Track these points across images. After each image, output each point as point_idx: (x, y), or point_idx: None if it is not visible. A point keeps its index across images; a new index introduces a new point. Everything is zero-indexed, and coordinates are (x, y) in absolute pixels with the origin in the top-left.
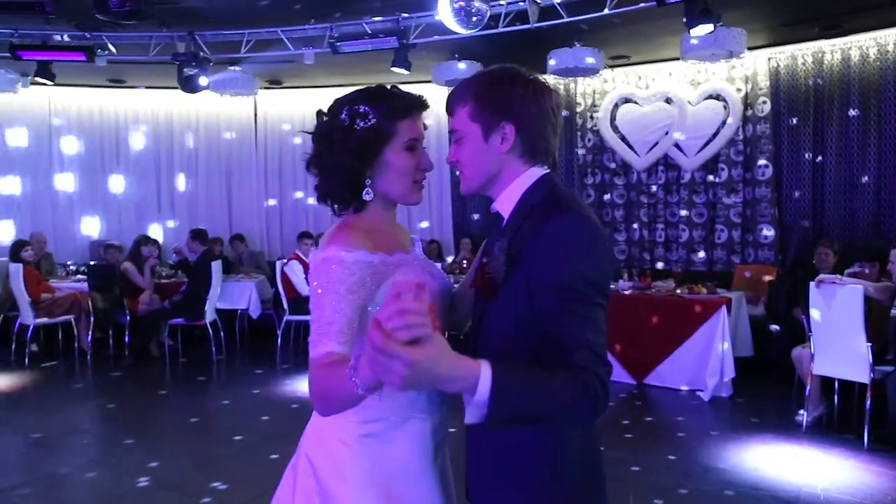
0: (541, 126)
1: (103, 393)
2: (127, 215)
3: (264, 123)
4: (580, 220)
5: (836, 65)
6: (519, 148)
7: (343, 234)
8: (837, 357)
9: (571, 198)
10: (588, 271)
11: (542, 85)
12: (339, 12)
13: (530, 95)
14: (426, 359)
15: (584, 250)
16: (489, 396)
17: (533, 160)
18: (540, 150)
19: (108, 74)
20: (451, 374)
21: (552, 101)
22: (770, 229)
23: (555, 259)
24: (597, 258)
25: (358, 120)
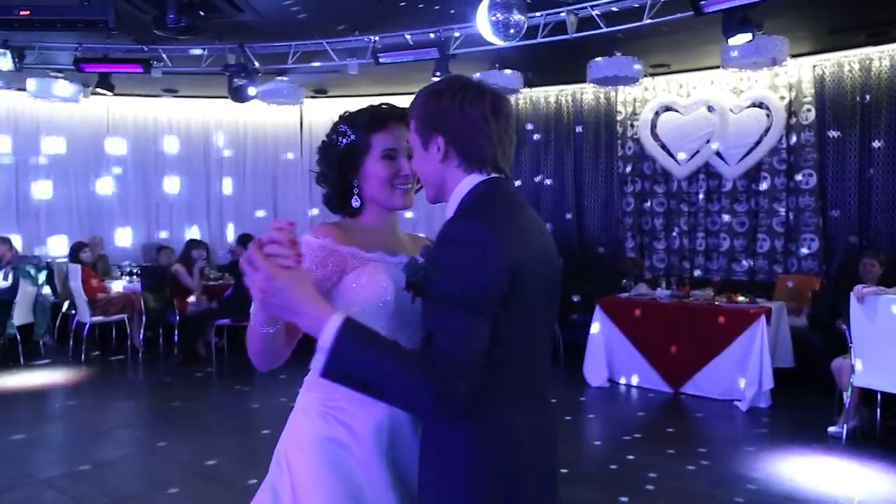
0: (471, 135)
1: (154, 388)
2: (178, 219)
3: (309, 131)
4: (470, 229)
5: (885, 72)
6: (454, 157)
7: (320, 226)
8: (880, 369)
9: (486, 206)
10: (468, 278)
11: (472, 93)
12: (381, 25)
13: (457, 107)
14: (282, 280)
15: (466, 257)
16: (331, 345)
17: (470, 168)
18: (475, 158)
19: (162, 85)
20: (300, 308)
21: (485, 108)
22: (814, 239)
23: (442, 262)
24: (480, 266)
25: (340, 138)
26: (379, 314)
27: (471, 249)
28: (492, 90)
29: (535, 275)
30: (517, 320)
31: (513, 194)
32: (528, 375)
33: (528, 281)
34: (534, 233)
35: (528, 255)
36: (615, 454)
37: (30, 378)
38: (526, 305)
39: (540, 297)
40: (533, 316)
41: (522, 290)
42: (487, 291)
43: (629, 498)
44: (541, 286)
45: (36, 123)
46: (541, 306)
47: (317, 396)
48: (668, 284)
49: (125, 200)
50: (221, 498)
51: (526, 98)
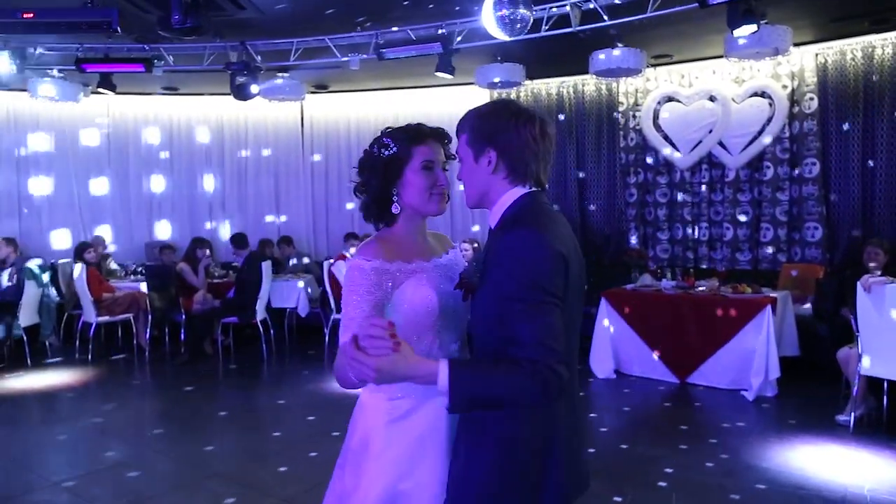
0: (521, 152)
1: (160, 387)
2: (180, 217)
3: (310, 127)
4: (524, 236)
5: (888, 59)
6: (503, 170)
7: (368, 247)
8: (887, 358)
9: (533, 215)
10: (535, 277)
11: (524, 117)
12: (384, 20)
13: (512, 127)
14: (387, 364)
15: (526, 260)
16: (448, 386)
17: (515, 181)
18: (521, 172)
19: (163, 83)
20: (412, 373)
21: (535, 130)
22: (817, 228)
23: (506, 269)
24: (541, 265)
25: (383, 150)
26: (426, 321)
27: (530, 253)
28: (540, 114)
29: (575, 271)
30: (567, 312)
31: (549, 205)
32: (572, 367)
33: (572, 276)
34: (568, 237)
35: (569, 254)
36: (626, 446)
37: (38, 379)
38: (571, 298)
39: (578, 292)
40: (575, 308)
41: (570, 285)
42: (553, 285)
43: (643, 490)
44: (579, 282)
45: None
46: (578, 300)
47: (380, 396)
48: (674, 275)
49: (125, 198)
50: (238, 498)
51: (527, 90)
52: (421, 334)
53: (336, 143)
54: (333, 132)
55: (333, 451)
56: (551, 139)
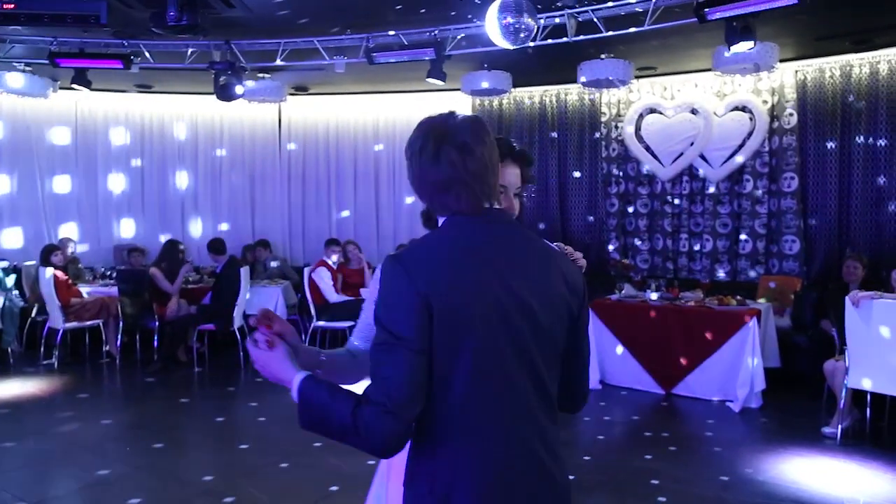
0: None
1: (131, 398)
2: (150, 219)
3: (288, 129)
4: (385, 269)
5: (865, 78)
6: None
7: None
8: (874, 370)
9: (409, 248)
10: (382, 316)
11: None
12: (376, 24)
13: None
14: (262, 359)
15: (381, 296)
16: (296, 399)
17: (436, 210)
18: (430, 204)
19: (136, 80)
20: (279, 375)
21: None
22: (795, 241)
23: (376, 302)
24: (390, 305)
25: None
26: None
27: (383, 289)
28: (437, 136)
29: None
30: (451, 354)
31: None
32: (491, 408)
33: (451, 317)
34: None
35: (451, 291)
36: (617, 459)
37: (1, 389)
38: (457, 340)
39: (486, 333)
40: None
41: (446, 326)
42: (399, 328)
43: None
44: (484, 321)
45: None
46: (491, 341)
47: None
48: (658, 287)
49: (91, 198)
50: None
51: (510, 99)
52: None
53: (314, 147)
54: (312, 135)
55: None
56: (450, 161)
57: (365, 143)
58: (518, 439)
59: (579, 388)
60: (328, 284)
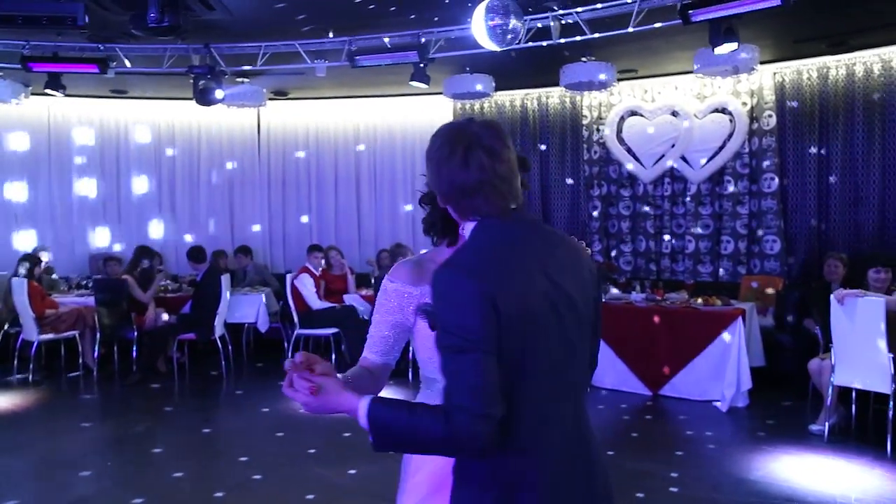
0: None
1: (109, 411)
2: (127, 227)
3: (267, 135)
4: (444, 278)
5: (841, 80)
6: (450, 208)
7: (398, 267)
8: (859, 368)
9: (462, 253)
10: (454, 322)
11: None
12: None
13: (435, 167)
14: (314, 401)
15: (447, 304)
16: (367, 424)
17: (462, 216)
18: (458, 209)
19: (112, 85)
20: (338, 409)
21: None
22: (776, 241)
23: (436, 312)
24: (460, 310)
25: None
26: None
27: (448, 296)
28: (466, 142)
29: (527, 311)
30: (518, 356)
31: (503, 236)
32: (550, 410)
33: (518, 318)
34: (531, 270)
35: (514, 292)
36: (607, 461)
37: None
38: (522, 341)
39: (541, 332)
40: (540, 350)
41: (513, 327)
42: (472, 332)
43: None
44: (538, 322)
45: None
46: (547, 340)
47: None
48: (642, 288)
49: (66, 207)
50: None
51: (491, 102)
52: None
53: (294, 152)
54: (292, 140)
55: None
56: (480, 165)
57: (346, 147)
58: (578, 437)
59: (594, 361)
60: (311, 291)
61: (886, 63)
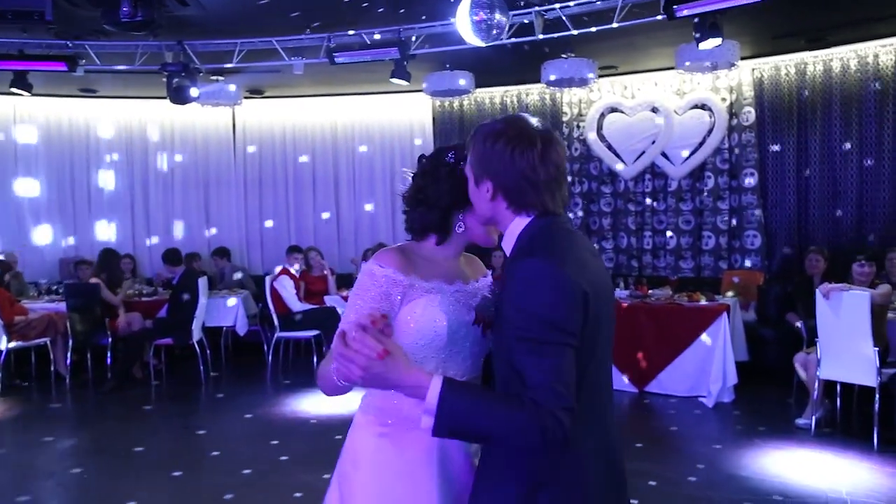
0: (517, 184)
1: (83, 420)
2: (98, 229)
3: (243, 134)
4: (538, 266)
5: (819, 76)
6: (502, 200)
7: (385, 254)
8: (845, 361)
9: (547, 243)
10: (546, 314)
11: (524, 144)
12: (337, 23)
13: (508, 155)
14: (380, 367)
15: (540, 294)
16: (436, 406)
17: (518, 210)
18: (520, 203)
19: (80, 84)
20: (400, 382)
21: (533, 159)
22: (756, 236)
23: (516, 303)
24: (555, 301)
25: (462, 161)
26: (431, 345)
27: (542, 286)
28: (543, 137)
29: (599, 301)
30: (590, 347)
31: (564, 228)
32: (597, 402)
33: (594, 308)
34: (590, 261)
35: (589, 284)
36: None
37: None
38: (595, 332)
39: (604, 323)
40: (601, 341)
41: (591, 318)
42: (566, 324)
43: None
44: (604, 312)
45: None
46: (605, 331)
47: (371, 419)
48: (626, 285)
49: (35, 210)
50: None
51: (471, 100)
52: (424, 359)
53: (271, 151)
54: (268, 139)
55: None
56: (556, 165)
57: (323, 146)
58: (614, 434)
59: None
60: (291, 293)
61: (862, 59)
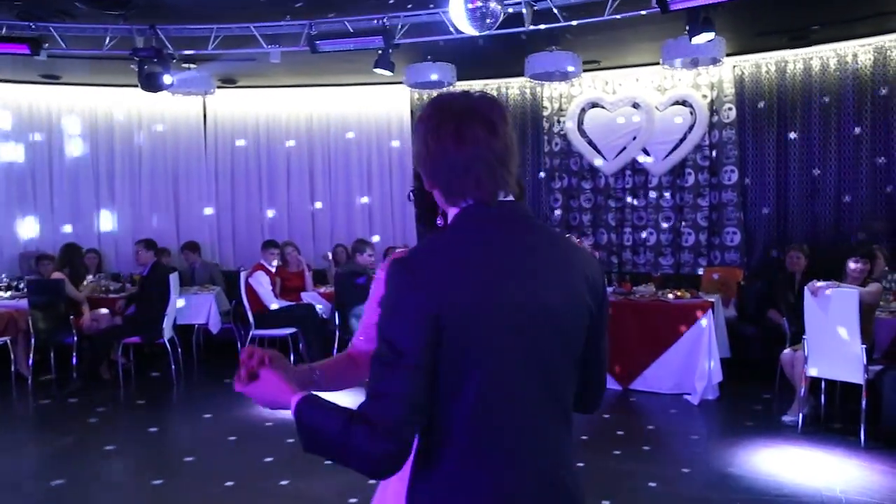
0: (436, 170)
1: (46, 424)
2: (60, 223)
3: (214, 125)
4: (391, 278)
5: (799, 74)
6: (437, 188)
7: (389, 260)
8: (832, 359)
9: (425, 249)
10: (386, 325)
11: (437, 122)
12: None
13: (425, 138)
14: (252, 389)
15: (387, 303)
16: (295, 421)
17: (449, 200)
18: (447, 191)
19: (42, 70)
20: (274, 401)
21: (446, 141)
22: (736, 233)
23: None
24: (393, 314)
25: None
26: None
27: (391, 299)
28: (461, 111)
29: (485, 316)
30: (460, 371)
31: (485, 226)
32: (495, 434)
33: (467, 327)
34: (500, 268)
35: (469, 300)
36: (591, 460)
37: None
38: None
39: (500, 340)
40: (484, 364)
41: (452, 341)
42: (406, 343)
43: None
44: (500, 327)
45: None
46: (505, 350)
47: None
48: (610, 281)
49: None
50: None
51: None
52: None
53: (243, 143)
54: (241, 130)
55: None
56: (478, 142)
57: (298, 138)
58: (530, 456)
59: (597, 391)
60: (267, 290)
61: (842, 58)
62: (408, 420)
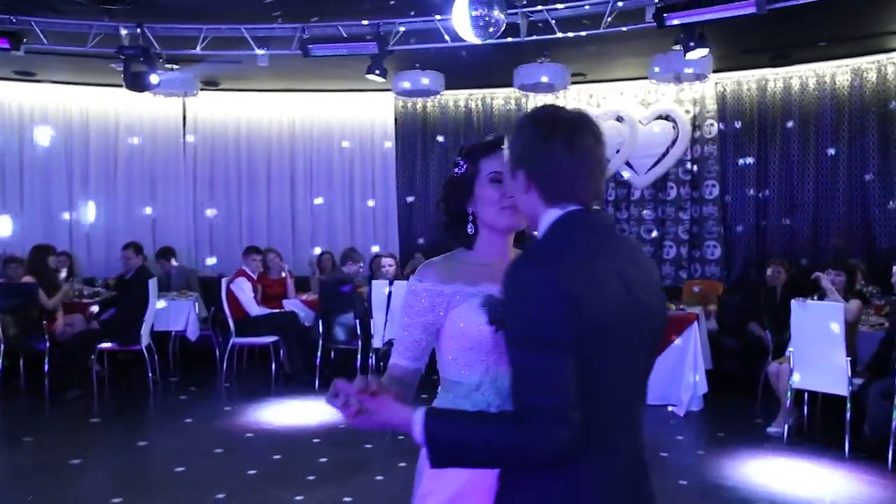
0: (547, 172)
1: (16, 434)
2: (32, 226)
3: (195, 128)
4: (523, 274)
5: (779, 92)
6: (534, 191)
7: (424, 267)
8: (817, 371)
9: (548, 245)
10: (538, 316)
11: (554, 129)
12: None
13: (537, 143)
14: (363, 419)
15: (529, 298)
16: (424, 440)
17: (550, 202)
18: (550, 193)
19: (17, 66)
20: (389, 423)
21: (560, 146)
22: (716, 246)
23: (509, 308)
24: (544, 305)
25: (456, 169)
26: (477, 349)
27: (529, 293)
28: (572, 123)
29: (604, 311)
30: (591, 359)
31: (590, 225)
32: (606, 420)
33: (595, 318)
34: (610, 268)
35: (591, 292)
36: None
37: None
38: (598, 344)
39: (617, 336)
40: (610, 354)
41: (589, 329)
42: (553, 333)
43: None
44: (617, 323)
45: None
46: (622, 344)
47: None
48: None
49: None
50: None
51: (435, 102)
52: (472, 365)
53: (224, 147)
54: (221, 134)
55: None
56: (586, 151)
57: (280, 143)
58: (637, 452)
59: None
60: (249, 297)
61: (821, 78)
62: (575, 404)
